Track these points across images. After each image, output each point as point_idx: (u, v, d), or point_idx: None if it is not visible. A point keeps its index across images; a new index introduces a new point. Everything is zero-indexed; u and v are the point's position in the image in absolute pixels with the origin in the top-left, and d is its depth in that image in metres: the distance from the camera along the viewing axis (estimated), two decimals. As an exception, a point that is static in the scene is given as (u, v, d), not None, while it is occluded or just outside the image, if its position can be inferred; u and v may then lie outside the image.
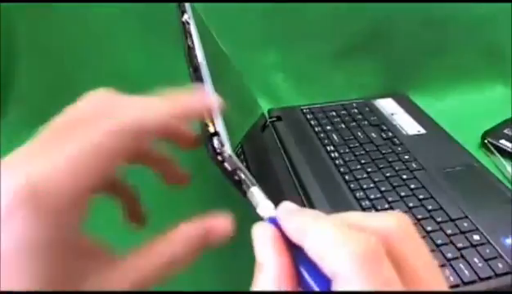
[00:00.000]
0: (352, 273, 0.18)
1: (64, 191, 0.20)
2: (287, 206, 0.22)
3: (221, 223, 0.24)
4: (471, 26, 0.73)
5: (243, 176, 0.24)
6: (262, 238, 0.21)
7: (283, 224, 0.21)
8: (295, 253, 0.20)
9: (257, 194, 0.23)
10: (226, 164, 0.24)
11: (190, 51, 0.30)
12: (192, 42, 0.31)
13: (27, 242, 0.19)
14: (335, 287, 0.18)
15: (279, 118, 0.65)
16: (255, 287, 0.20)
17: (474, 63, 0.76)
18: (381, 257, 0.18)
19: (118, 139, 0.21)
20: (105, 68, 0.64)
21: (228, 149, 0.25)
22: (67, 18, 0.62)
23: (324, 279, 0.18)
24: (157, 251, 0.23)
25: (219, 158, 0.24)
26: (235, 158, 0.24)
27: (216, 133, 0.25)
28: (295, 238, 0.20)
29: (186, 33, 0.31)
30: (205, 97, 0.26)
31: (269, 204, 0.23)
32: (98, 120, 0.22)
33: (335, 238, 0.19)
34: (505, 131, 0.65)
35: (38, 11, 0.61)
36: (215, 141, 0.25)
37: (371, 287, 0.17)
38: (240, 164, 0.24)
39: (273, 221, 0.21)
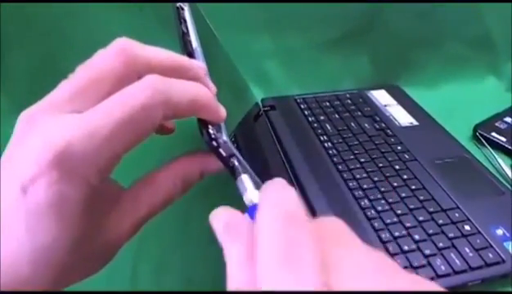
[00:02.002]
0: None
1: (90, 160, 0.20)
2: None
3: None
4: (463, 18, 0.73)
5: (236, 163, 0.23)
6: (217, 226, 0.20)
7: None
8: None
9: (246, 182, 0.23)
10: (221, 150, 0.24)
11: (185, 36, 0.29)
12: (187, 28, 0.30)
13: (53, 200, 0.20)
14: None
15: (272, 107, 0.64)
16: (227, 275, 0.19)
17: (467, 55, 0.76)
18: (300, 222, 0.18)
19: (149, 112, 0.21)
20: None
21: (224, 135, 0.24)
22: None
23: None
24: (158, 181, 0.25)
25: (214, 143, 0.24)
26: (230, 144, 0.24)
27: None
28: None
29: (181, 19, 0.31)
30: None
31: (255, 193, 0.22)
32: (132, 90, 0.21)
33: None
34: (497, 124, 0.66)
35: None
36: (210, 127, 0.24)
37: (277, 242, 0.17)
38: (235, 150, 0.24)
39: (254, 209, 0.20)
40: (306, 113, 0.64)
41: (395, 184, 0.50)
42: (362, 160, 0.54)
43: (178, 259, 0.46)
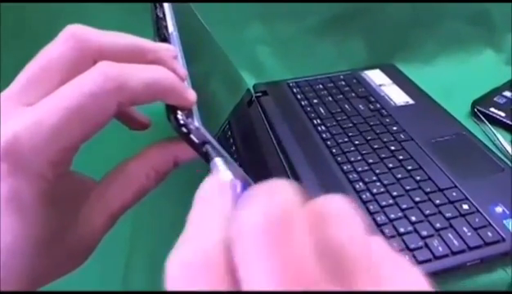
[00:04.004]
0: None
1: (39, 151, 0.19)
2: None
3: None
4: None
5: (209, 148, 0.22)
6: None
7: None
8: None
9: (218, 164, 0.21)
10: (192, 136, 0.22)
11: (159, 20, 0.28)
12: (163, 13, 0.29)
13: (8, 195, 0.19)
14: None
15: (265, 93, 0.63)
16: None
17: (463, 31, 0.74)
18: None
19: (100, 100, 0.20)
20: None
21: (196, 121, 0.23)
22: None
23: None
24: (129, 173, 0.24)
25: (183, 129, 0.22)
26: (203, 130, 0.23)
27: None
28: None
29: (156, 4, 0.29)
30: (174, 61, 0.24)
31: (228, 175, 0.20)
32: (81, 78, 0.20)
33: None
34: (495, 99, 0.64)
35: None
36: (179, 112, 0.22)
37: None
38: (209, 137, 0.22)
39: None
40: (299, 97, 0.62)
41: (390, 165, 0.49)
42: (357, 142, 0.53)
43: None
